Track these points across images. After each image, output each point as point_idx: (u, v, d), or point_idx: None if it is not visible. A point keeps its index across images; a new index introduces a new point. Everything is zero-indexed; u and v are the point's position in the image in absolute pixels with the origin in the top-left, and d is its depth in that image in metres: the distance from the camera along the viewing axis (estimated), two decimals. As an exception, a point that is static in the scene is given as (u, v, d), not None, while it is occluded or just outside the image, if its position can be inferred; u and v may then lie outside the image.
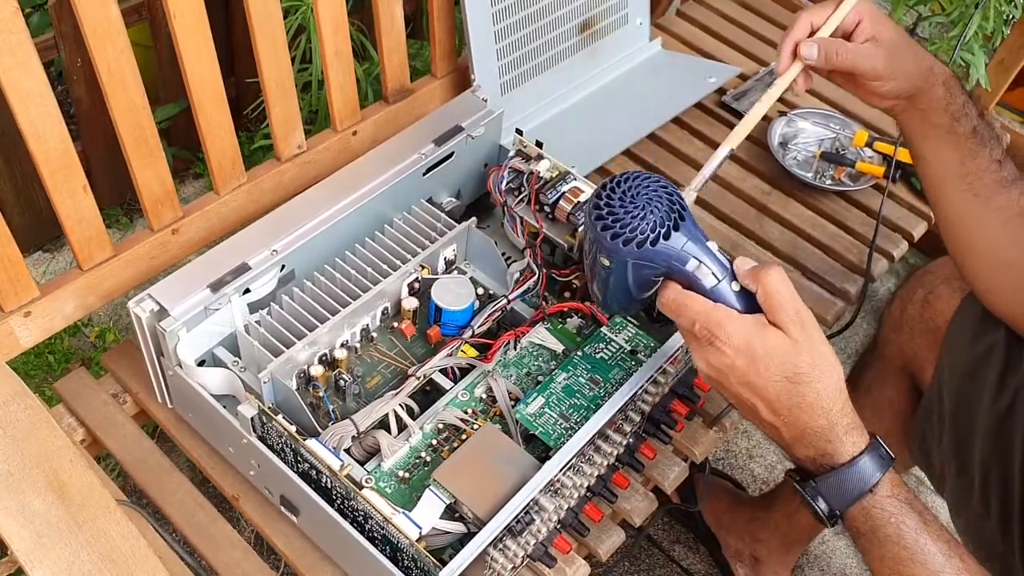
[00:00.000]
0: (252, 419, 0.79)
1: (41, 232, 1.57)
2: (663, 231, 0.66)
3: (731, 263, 0.68)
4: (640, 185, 0.68)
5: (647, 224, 0.66)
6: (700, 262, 0.67)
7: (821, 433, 0.67)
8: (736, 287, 0.67)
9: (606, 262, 0.69)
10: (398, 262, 0.92)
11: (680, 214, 0.67)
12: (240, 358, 0.86)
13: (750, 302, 0.67)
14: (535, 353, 0.91)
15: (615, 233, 0.66)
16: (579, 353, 0.88)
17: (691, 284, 0.67)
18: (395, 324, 0.92)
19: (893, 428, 1.14)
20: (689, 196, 0.74)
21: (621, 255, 0.67)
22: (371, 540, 0.75)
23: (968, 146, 0.87)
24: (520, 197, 0.98)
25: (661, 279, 0.69)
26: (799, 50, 0.82)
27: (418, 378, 0.86)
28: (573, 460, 0.77)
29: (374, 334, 0.91)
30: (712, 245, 0.68)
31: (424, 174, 0.97)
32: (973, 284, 0.91)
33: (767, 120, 1.28)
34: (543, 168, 0.98)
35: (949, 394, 0.96)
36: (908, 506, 0.67)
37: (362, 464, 0.82)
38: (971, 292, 0.94)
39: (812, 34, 0.84)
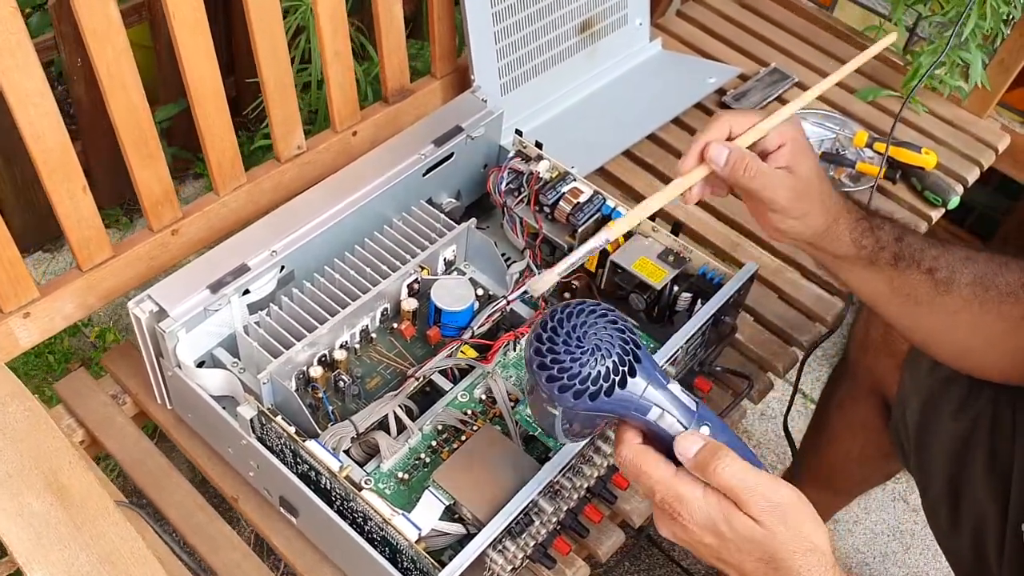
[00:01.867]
0: (251, 420, 0.79)
1: (41, 232, 1.58)
2: (618, 379, 0.57)
3: (697, 404, 0.60)
4: (586, 323, 0.58)
5: (599, 372, 0.57)
6: (663, 410, 0.59)
7: None
8: (706, 430, 0.59)
9: (552, 410, 0.59)
10: (398, 263, 0.91)
11: (635, 355, 0.58)
12: (239, 359, 0.86)
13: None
14: (535, 354, 0.91)
15: (563, 385, 0.57)
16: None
17: (653, 433, 0.60)
18: (395, 325, 0.92)
19: (867, 445, 1.13)
20: (548, 280, 0.63)
21: (570, 406, 0.58)
22: (370, 541, 0.75)
23: (892, 272, 0.79)
24: (520, 198, 0.98)
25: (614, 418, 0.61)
26: (707, 151, 0.72)
27: (417, 379, 0.86)
28: (573, 461, 0.77)
29: (374, 335, 0.91)
30: (674, 387, 0.60)
31: (424, 175, 0.97)
32: (939, 360, 0.88)
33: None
34: (543, 169, 0.98)
35: (911, 418, 0.96)
36: None
37: (361, 465, 0.82)
38: None
39: (729, 139, 0.74)
